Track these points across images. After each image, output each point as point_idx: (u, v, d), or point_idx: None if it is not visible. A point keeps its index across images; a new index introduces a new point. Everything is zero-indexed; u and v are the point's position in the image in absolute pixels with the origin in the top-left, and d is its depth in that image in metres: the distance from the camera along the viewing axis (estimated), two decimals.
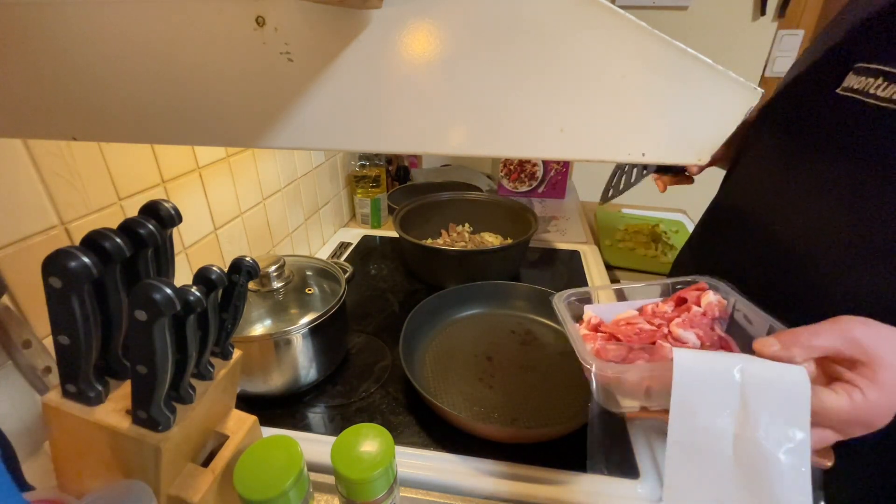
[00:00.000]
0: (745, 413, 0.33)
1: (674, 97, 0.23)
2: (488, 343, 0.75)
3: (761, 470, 0.32)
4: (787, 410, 0.32)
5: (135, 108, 0.28)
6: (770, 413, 0.32)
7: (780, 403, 0.32)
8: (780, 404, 0.32)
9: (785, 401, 0.32)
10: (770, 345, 0.35)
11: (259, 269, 0.42)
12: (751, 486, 0.32)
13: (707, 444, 0.33)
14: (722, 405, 0.33)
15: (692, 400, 0.34)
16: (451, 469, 0.55)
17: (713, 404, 0.33)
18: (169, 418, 0.35)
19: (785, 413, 0.32)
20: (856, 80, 0.46)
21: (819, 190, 0.48)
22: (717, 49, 1.69)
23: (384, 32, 0.24)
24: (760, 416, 0.32)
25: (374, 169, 1.16)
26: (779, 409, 0.32)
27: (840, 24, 0.52)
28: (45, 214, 0.44)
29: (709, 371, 0.34)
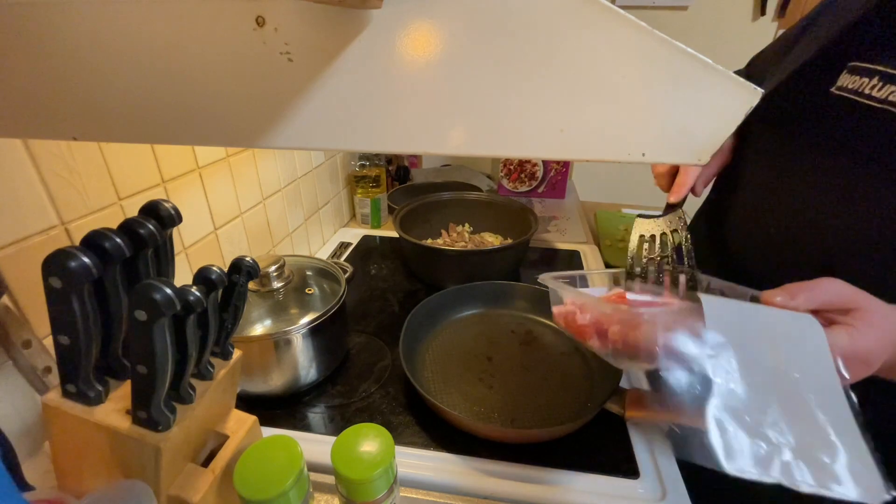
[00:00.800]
0: (774, 349, 0.34)
1: (674, 97, 0.23)
2: (488, 343, 0.75)
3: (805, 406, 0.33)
4: (811, 350, 0.33)
5: (135, 108, 0.28)
6: (797, 353, 0.34)
7: (802, 344, 0.34)
8: (803, 345, 0.34)
9: (806, 342, 0.34)
10: (776, 295, 0.37)
11: (259, 269, 0.42)
12: (801, 422, 0.33)
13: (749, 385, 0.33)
14: (755, 341, 0.34)
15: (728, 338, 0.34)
16: (451, 469, 0.55)
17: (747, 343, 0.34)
18: (169, 418, 0.35)
19: (809, 352, 0.33)
20: (850, 80, 0.45)
21: (813, 189, 0.49)
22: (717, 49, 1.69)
23: (384, 32, 0.24)
24: (789, 355, 0.34)
25: (374, 169, 1.16)
26: (803, 349, 0.34)
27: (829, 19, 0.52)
28: (45, 214, 0.44)
29: (736, 310, 0.35)
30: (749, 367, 0.33)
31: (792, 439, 0.32)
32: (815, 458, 0.32)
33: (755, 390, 0.33)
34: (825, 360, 0.33)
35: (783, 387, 0.33)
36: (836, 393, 0.33)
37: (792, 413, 0.33)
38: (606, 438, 0.59)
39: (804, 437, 0.32)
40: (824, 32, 0.51)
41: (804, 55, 0.52)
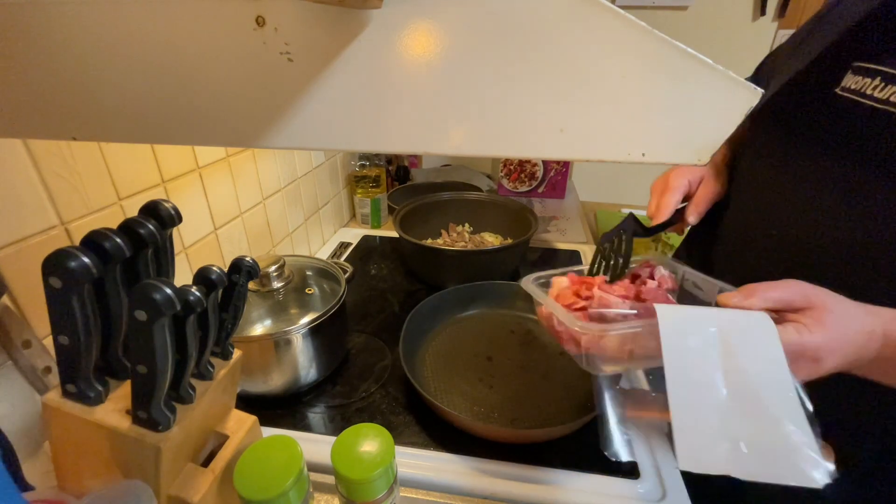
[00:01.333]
0: (726, 351, 0.36)
1: (674, 97, 0.23)
2: (488, 343, 0.75)
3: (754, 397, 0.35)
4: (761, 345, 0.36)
5: (135, 108, 0.28)
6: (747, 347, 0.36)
7: (753, 340, 0.36)
8: (754, 341, 0.36)
9: (757, 337, 0.36)
10: (731, 297, 0.39)
11: (259, 269, 0.42)
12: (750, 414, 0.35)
13: (701, 382, 0.36)
14: (706, 346, 0.37)
15: (680, 346, 0.37)
16: (451, 469, 0.55)
17: (698, 347, 0.37)
18: (169, 418, 0.35)
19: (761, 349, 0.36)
20: (853, 80, 0.45)
21: (817, 190, 0.48)
22: (717, 49, 1.70)
23: (384, 32, 0.24)
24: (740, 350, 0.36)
25: (374, 169, 1.16)
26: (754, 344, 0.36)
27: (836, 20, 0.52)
28: (45, 214, 0.44)
29: (688, 320, 0.38)
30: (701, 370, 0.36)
31: (742, 433, 0.35)
32: (764, 449, 0.34)
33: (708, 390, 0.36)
34: (777, 356, 0.35)
35: (735, 384, 0.35)
36: (787, 386, 0.35)
37: (742, 408, 0.35)
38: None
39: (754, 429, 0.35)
40: (830, 32, 0.50)
41: (810, 55, 0.52)
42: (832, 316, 0.37)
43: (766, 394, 0.35)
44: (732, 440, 0.35)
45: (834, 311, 0.37)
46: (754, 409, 0.35)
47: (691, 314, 0.38)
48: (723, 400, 0.35)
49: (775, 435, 0.34)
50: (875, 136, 0.43)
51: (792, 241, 0.51)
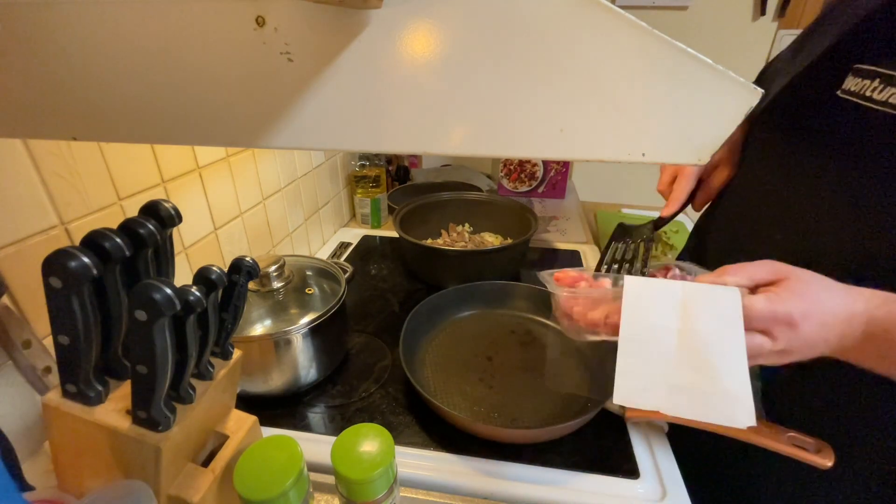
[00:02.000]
0: (686, 314, 0.40)
1: (674, 97, 0.23)
2: (488, 343, 0.75)
3: (703, 353, 0.39)
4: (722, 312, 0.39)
5: (135, 108, 0.28)
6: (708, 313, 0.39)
7: (715, 307, 0.39)
8: (716, 308, 0.39)
9: (719, 305, 0.39)
10: (706, 274, 0.43)
11: (259, 269, 0.42)
12: (694, 366, 0.39)
13: (653, 335, 0.40)
14: (665, 308, 0.41)
15: (640, 308, 0.41)
16: (451, 469, 0.55)
17: (657, 308, 0.41)
18: (169, 418, 0.35)
19: (719, 314, 0.39)
20: (854, 83, 0.45)
21: (819, 194, 0.48)
22: (717, 49, 1.70)
23: (384, 32, 0.24)
24: (699, 315, 0.40)
25: (374, 169, 1.16)
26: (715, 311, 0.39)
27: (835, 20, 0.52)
28: (45, 214, 0.44)
29: (654, 286, 0.42)
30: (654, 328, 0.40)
31: (682, 380, 0.39)
32: (698, 393, 0.38)
33: (657, 344, 0.40)
34: (733, 320, 0.38)
35: (686, 342, 0.39)
36: (735, 345, 0.38)
37: (688, 361, 0.39)
38: (606, 438, 0.59)
39: (693, 377, 0.39)
40: (830, 34, 0.50)
41: (810, 57, 0.52)
42: (804, 284, 0.39)
43: (714, 350, 0.38)
44: (671, 385, 0.39)
45: (808, 281, 0.39)
46: (698, 362, 0.39)
47: (658, 284, 0.42)
48: (670, 351, 0.39)
49: (712, 383, 0.38)
50: (875, 138, 0.43)
51: (795, 243, 0.51)
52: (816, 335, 0.38)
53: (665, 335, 0.40)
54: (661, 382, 0.39)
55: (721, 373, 0.38)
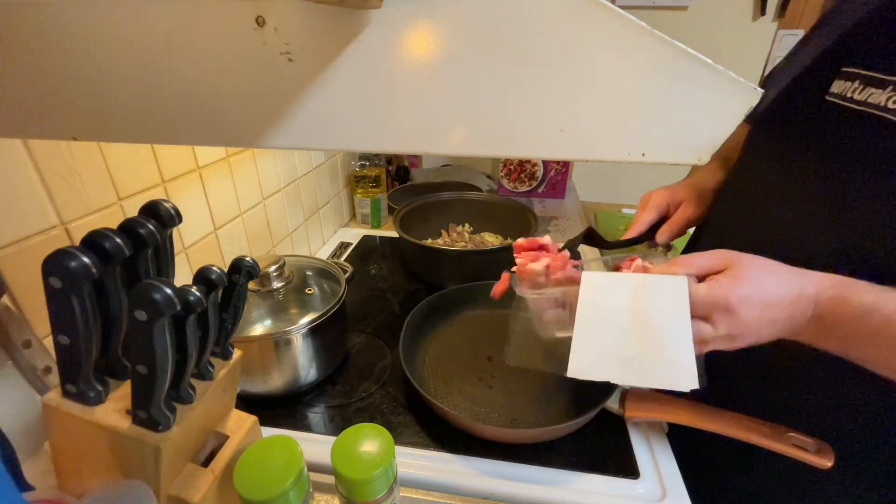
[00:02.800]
0: (637, 300, 0.43)
1: (674, 97, 0.23)
2: (488, 343, 0.75)
3: (651, 329, 0.41)
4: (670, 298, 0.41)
5: (135, 108, 0.28)
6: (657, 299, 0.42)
7: (664, 294, 0.42)
8: (665, 294, 0.41)
9: (668, 292, 0.42)
10: (659, 265, 0.45)
11: (259, 269, 0.42)
12: (643, 340, 0.41)
13: (606, 316, 0.43)
14: (619, 295, 0.43)
15: (595, 293, 0.44)
16: (451, 469, 0.55)
17: (611, 295, 0.43)
18: (169, 418, 0.35)
19: (668, 299, 0.41)
20: (839, 85, 0.46)
21: (809, 195, 0.49)
22: (717, 49, 1.70)
23: (384, 32, 0.24)
24: (649, 300, 0.42)
25: (374, 169, 1.16)
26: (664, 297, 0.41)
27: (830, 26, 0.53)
28: (45, 214, 0.44)
29: (609, 278, 0.45)
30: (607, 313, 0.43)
31: (630, 353, 0.41)
32: (645, 362, 0.41)
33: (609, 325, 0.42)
34: (680, 304, 0.40)
35: (636, 323, 0.42)
36: (681, 323, 0.40)
37: (637, 336, 0.41)
38: (606, 438, 0.59)
39: (641, 349, 0.41)
40: (825, 39, 0.51)
41: (804, 62, 0.53)
42: (745, 270, 0.40)
43: (661, 327, 0.41)
44: (620, 358, 0.41)
45: (751, 265, 0.41)
46: (647, 337, 0.41)
47: (612, 276, 0.45)
48: (622, 329, 0.42)
49: (658, 353, 0.40)
50: (857, 138, 0.44)
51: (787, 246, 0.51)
52: (759, 318, 0.39)
53: (617, 316, 0.42)
54: (612, 355, 0.42)
55: (666, 343, 0.40)
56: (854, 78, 0.44)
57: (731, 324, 0.40)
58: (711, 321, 0.40)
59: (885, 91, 0.41)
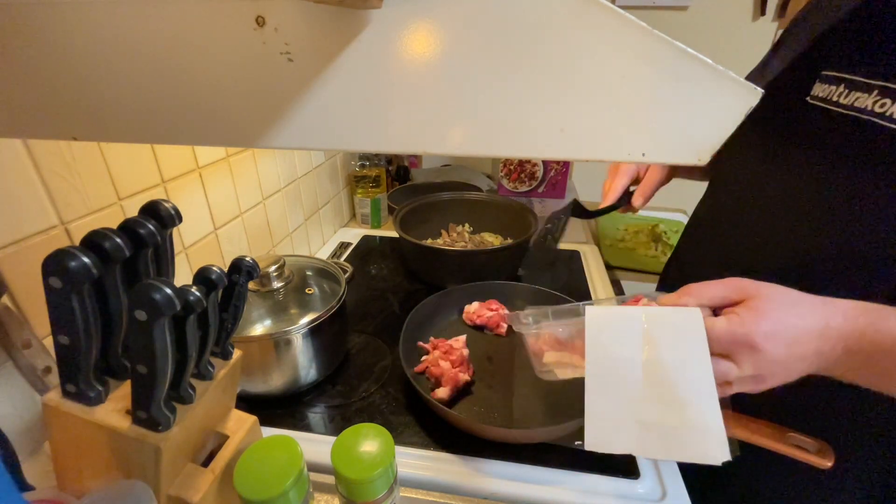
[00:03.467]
0: (649, 343, 0.38)
1: (674, 97, 0.23)
2: (488, 343, 0.75)
3: (669, 384, 0.37)
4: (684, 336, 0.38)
5: (135, 108, 0.28)
6: (671, 339, 0.38)
7: (678, 332, 0.38)
8: (678, 333, 0.38)
9: (682, 329, 0.38)
10: (668, 296, 0.41)
11: (259, 269, 0.42)
12: (662, 399, 0.37)
13: (619, 371, 0.39)
14: (629, 339, 0.39)
15: (602, 339, 0.40)
16: (451, 469, 0.55)
17: (621, 340, 0.40)
18: (169, 418, 0.35)
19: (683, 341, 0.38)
20: (821, 89, 0.47)
21: (792, 198, 0.49)
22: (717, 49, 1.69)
23: (384, 32, 0.24)
24: (662, 342, 0.38)
25: (374, 169, 1.16)
26: (678, 336, 0.38)
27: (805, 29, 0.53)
28: (45, 214, 0.44)
29: (615, 315, 0.41)
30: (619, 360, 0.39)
31: (650, 416, 0.37)
32: (668, 429, 0.37)
33: (622, 378, 0.39)
34: (698, 344, 0.37)
35: (652, 373, 0.38)
36: (702, 371, 0.36)
37: (655, 393, 0.37)
38: None
39: (662, 411, 0.37)
40: (801, 41, 0.52)
41: (783, 64, 0.53)
42: (767, 302, 0.37)
43: (680, 379, 0.37)
44: (640, 422, 0.37)
45: (772, 298, 0.37)
46: (666, 394, 0.37)
47: (619, 311, 0.41)
48: (637, 386, 0.38)
49: (680, 416, 0.36)
50: (843, 140, 0.45)
51: (775, 245, 0.51)
52: (786, 355, 0.36)
53: (630, 368, 0.38)
54: (630, 421, 0.38)
55: (688, 403, 0.36)
56: (838, 82, 0.45)
57: (757, 363, 0.36)
58: (735, 360, 0.37)
59: (870, 95, 0.41)
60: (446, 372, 0.63)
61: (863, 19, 0.45)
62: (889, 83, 0.40)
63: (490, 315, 0.76)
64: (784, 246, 0.50)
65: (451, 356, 0.65)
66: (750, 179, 0.56)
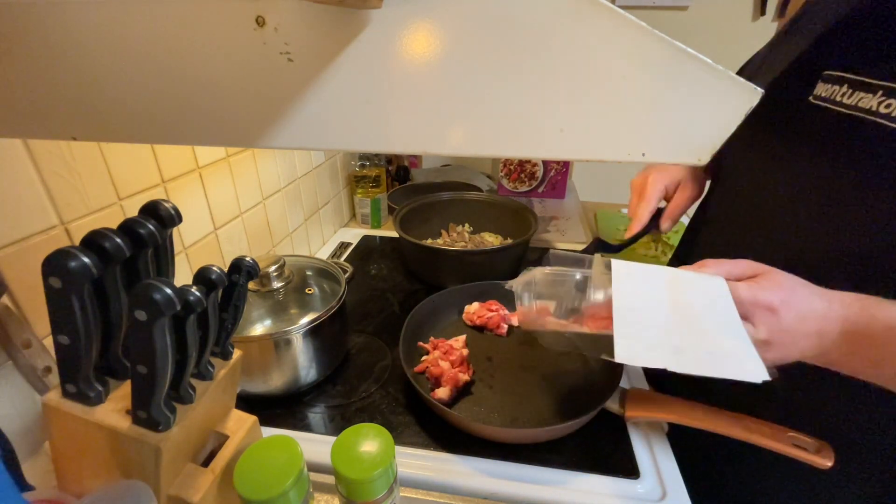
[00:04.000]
0: (675, 291, 0.41)
1: (674, 97, 0.23)
2: (488, 343, 0.75)
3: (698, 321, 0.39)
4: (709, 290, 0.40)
5: (135, 108, 0.28)
6: (696, 291, 0.40)
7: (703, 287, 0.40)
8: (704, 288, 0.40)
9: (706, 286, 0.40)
10: (687, 268, 0.43)
11: (259, 269, 0.42)
12: (692, 331, 0.39)
13: (647, 306, 0.40)
14: (655, 287, 0.41)
15: (630, 284, 0.42)
16: (451, 469, 0.55)
17: (648, 287, 0.42)
18: (169, 418, 0.35)
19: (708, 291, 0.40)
20: (824, 88, 0.47)
21: (797, 198, 0.49)
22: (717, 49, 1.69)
23: (384, 32, 0.24)
24: (689, 292, 0.40)
25: (374, 169, 1.16)
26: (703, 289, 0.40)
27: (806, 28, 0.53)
28: (45, 214, 0.44)
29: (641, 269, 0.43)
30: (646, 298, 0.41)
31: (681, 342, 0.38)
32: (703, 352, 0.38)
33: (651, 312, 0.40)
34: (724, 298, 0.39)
35: (679, 313, 0.39)
36: (731, 315, 0.38)
37: (684, 326, 0.39)
38: (606, 438, 0.59)
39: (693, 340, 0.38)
40: (802, 40, 0.52)
41: (783, 63, 0.53)
42: (782, 276, 0.40)
43: (709, 319, 0.38)
44: (673, 347, 0.38)
45: (782, 274, 0.41)
46: (696, 329, 0.39)
47: (643, 267, 0.43)
48: (667, 320, 0.39)
49: (713, 344, 0.38)
50: (846, 140, 0.44)
51: (777, 245, 0.51)
52: (796, 326, 0.38)
53: (658, 305, 0.40)
54: (663, 344, 0.38)
55: (721, 337, 0.38)
56: (841, 82, 0.45)
57: (771, 326, 0.38)
58: (753, 320, 0.39)
59: (875, 95, 0.41)
60: (446, 372, 0.63)
61: (866, 19, 0.44)
62: (894, 83, 0.40)
63: (490, 315, 0.76)
64: (787, 246, 0.50)
65: (451, 356, 0.65)
66: (752, 180, 0.56)
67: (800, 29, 0.54)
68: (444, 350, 0.67)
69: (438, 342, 0.70)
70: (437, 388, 0.62)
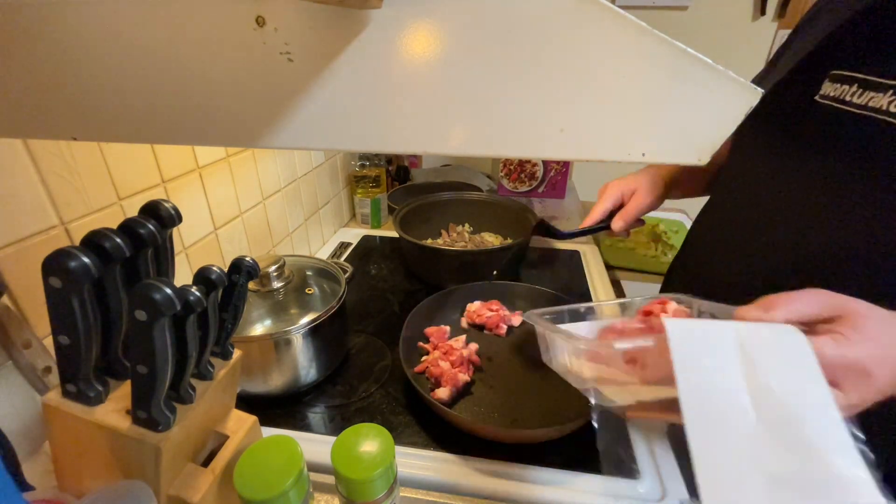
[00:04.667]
0: (749, 365, 0.31)
1: (674, 97, 0.23)
2: (488, 343, 0.75)
3: (790, 421, 0.30)
4: (792, 361, 0.31)
5: (135, 108, 0.28)
6: (774, 362, 0.31)
7: (783, 356, 0.31)
8: (784, 356, 0.31)
9: (787, 353, 0.31)
10: (750, 310, 0.34)
11: (259, 269, 0.42)
12: (786, 441, 0.29)
13: (723, 405, 0.31)
14: (726, 363, 0.31)
15: (694, 363, 0.32)
16: (451, 469, 0.55)
17: (717, 364, 0.32)
18: (169, 418, 0.35)
19: (792, 364, 0.31)
20: (832, 88, 0.46)
21: (804, 198, 0.49)
22: (717, 49, 1.69)
23: (384, 32, 0.24)
24: (765, 365, 0.31)
25: (374, 169, 1.16)
26: (785, 361, 0.31)
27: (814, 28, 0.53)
28: (45, 214, 0.44)
29: (703, 332, 0.33)
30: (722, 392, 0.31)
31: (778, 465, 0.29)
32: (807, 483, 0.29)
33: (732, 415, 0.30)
34: (812, 371, 0.30)
35: (764, 407, 0.30)
36: (826, 407, 0.30)
37: (775, 435, 0.30)
38: (611, 438, 0.59)
39: (792, 460, 0.29)
40: (809, 41, 0.52)
41: (790, 63, 0.53)
42: (870, 322, 0.32)
43: (803, 417, 0.30)
44: (767, 474, 0.29)
45: (870, 316, 0.33)
46: (790, 436, 0.29)
47: (706, 326, 0.33)
48: (751, 426, 0.30)
49: (819, 465, 0.29)
50: (857, 140, 0.44)
51: (783, 246, 0.51)
52: (889, 383, 0.32)
53: (736, 399, 0.31)
54: (753, 470, 0.29)
55: (821, 447, 0.29)
56: (850, 81, 0.44)
57: (863, 390, 0.32)
58: (841, 387, 0.32)
59: (885, 95, 0.41)
60: (446, 372, 0.63)
61: (876, 18, 0.44)
62: None
63: (490, 315, 0.76)
64: (792, 246, 0.50)
65: (451, 356, 0.65)
66: (756, 179, 0.56)
67: (810, 28, 0.54)
68: (445, 350, 0.67)
69: (439, 342, 0.70)
70: (437, 388, 0.62)
